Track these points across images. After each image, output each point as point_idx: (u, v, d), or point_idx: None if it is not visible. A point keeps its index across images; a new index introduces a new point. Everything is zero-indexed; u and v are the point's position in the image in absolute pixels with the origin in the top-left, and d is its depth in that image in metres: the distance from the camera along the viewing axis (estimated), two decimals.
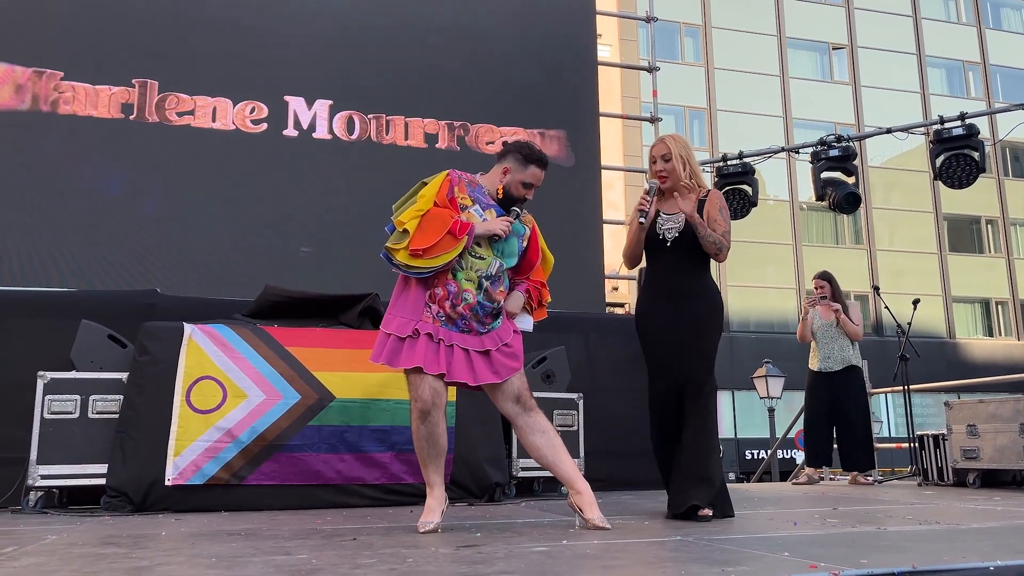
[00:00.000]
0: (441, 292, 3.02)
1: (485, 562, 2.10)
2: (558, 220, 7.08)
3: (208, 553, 2.34)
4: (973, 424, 5.64)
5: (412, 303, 3.02)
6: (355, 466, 4.31)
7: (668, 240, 3.50)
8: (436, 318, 3.02)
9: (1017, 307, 26.25)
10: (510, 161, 3.19)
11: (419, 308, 3.02)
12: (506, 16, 7.57)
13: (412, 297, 3.03)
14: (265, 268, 6.15)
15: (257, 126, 6.64)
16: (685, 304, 3.46)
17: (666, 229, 3.51)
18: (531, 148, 3.21)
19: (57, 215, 6.12)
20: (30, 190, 6.12)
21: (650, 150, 3.68)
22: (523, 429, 3.11)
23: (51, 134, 6.25)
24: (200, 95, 6.56)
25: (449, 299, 3.02)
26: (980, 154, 6.64)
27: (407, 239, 2.97)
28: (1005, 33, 28.11)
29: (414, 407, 3.03)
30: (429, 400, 2.99)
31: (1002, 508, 3.89)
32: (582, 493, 3.08)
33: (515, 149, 3.21)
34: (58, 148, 6.24)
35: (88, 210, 6.20)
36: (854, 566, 1.89)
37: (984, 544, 2.44)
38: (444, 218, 3.02)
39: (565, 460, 3.12)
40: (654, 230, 3.54)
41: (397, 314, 3.02)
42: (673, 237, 3.49)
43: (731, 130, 23.99)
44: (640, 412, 5.73)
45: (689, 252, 3.47)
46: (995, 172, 26.32)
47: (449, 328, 3.04)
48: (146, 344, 4.26)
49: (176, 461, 4.08)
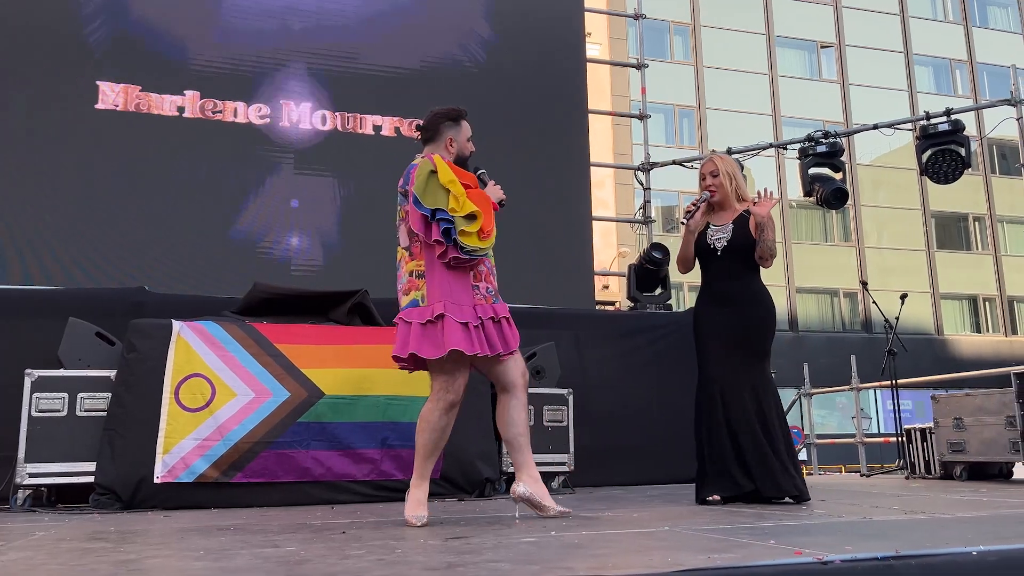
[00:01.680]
0: (484, 268, 3.11)
1: (473, 552, 2.11)
2: (547, 217, 7.11)
3: (196, 547, 2.34)
4: (960, 417, 5.69)
5: (463, 288, 3.03)
6: (345, 463, 4.31)
7: (718, 249, 3.88)
8: (487, 295, 3.08)
9: (1004, 303, 26.43)
10: (447, 131, 3.22)
11: (470, 291, 3.04)
12: (494, 13, 7.57)
13: (461, 282, 3.03)
14: (255, 265, 6.14)
15: (262, 120, 6.63)
16: (736, 309, 3.82)
17: (716, 239, 3.88)
18: (452, 108, 3.26)
19: (44, 212, 6.09)
20: (16, 187, 6.09)
21: (700, 168, 4.07)
22: (519, 401, 3.13)
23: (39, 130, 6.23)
24: (181, 92, 6.53)
25: (491, 273, 3.14)
26: (966, 150, 6.69)
27: (477, 222, 2.98)
28: (992, 31, 28.28)
29: (443, 397, 3.04)
30: (462, 391, 3.05)
31: (988, 499, 3.93)
32: (539, 482, 3.12)
33: (444, 117, 3.23)
34: (44, 145, 6.21)
35: (75, 207, 6.17)
36: (838, 552, 1.91)
37: (968, 532, 2.46)
38: (484, 196, 3.10)
39: (530, 448, 3.16)
40: (704, 240, 3.93)
41: (458, 300, 2.99)
42: (723, 246, 3.87)
43: (720, 128, 24.04)
44: (630, 408, 5.83)
45: (738, 259, 3.85)
46: (982, 170, 26.48)
47: (498, 301, 3.12)
48: (134, 341, 4.24)
49: (165, 459, 4.07)
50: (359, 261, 6.33)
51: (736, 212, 3.92)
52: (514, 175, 6.22)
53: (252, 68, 6.75)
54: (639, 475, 5.62)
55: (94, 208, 6.22)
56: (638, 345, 6.11)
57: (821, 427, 20.64)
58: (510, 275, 6.63)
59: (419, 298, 3.04)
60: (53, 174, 6.20)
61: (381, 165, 6.72)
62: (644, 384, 5.92)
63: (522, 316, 5.95)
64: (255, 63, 6.77)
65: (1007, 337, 26.07)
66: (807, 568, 1.78)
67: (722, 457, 3.72)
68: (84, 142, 6.31)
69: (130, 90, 6.42)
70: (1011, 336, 26.10)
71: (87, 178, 6.27)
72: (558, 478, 5.04)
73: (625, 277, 7.53)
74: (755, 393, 3.76)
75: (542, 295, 6.66)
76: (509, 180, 3.49)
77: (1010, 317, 26.44)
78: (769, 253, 3.78)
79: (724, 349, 3.81)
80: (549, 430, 5.04)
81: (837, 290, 25.21)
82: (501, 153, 7.12)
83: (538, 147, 7.38)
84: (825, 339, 23.83)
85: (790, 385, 11.97)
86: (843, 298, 25.36)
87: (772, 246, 3.78)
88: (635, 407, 5.83)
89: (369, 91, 6.99)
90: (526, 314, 6.12)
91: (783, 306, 24.10)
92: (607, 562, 1.88)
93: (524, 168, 7.06)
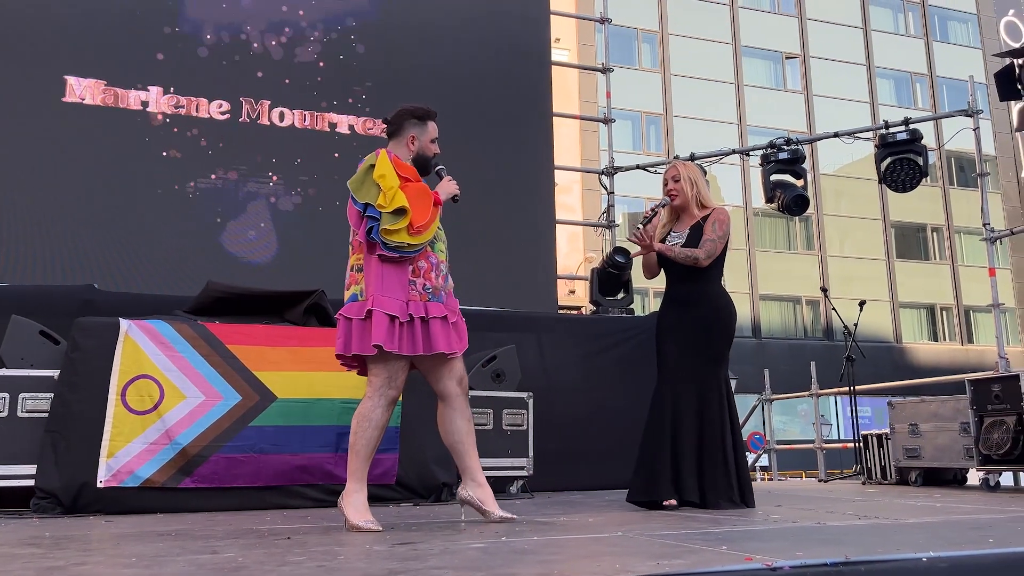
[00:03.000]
0: (425, 264, 3.01)
1: (418, 558, 2.04)
2: (511, 220, 7.07)
3: (129, 553, 2.24)
4: (915, 424, 5.74)
5: (399, 282, 2.94)
6: (297, 467, 4.21)
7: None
8: (423, 292, 2.99)
9: (961, 313, 26.97)
10: (411, 128, 3.16)
11: (405, 287, 2.95)
12: (460, 16, 7.52)
13: (397, 276, 2.95)
14: (209, 264, 6.01)
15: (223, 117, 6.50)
16: (689, 310, 3.87)
17: (674, 245, 3.94)
18: (420, 106, 3.20)
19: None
20: None
21: (664, 173, 4.13)
22: (456, 411, 3.07)
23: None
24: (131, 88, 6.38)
25: (433, 270, 3.03)
26: (923, 159, 6.78)
27: (405, 218, 2.89)
28: (951, 46, 28.90)
29: (384, 394, 2.96)
30: (402, 389, 3.01)
31: (941, 505, 3.96)
32: (484, 487, 3.07)
33: (409, 115, 3.17)
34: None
35: (22, 202, 5.99)
36: (789, 558, 1.88)
37: (919, 537, 2.46)
38: (423, 190, 3.02)
39: (475, 452, 3.11)
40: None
41: (390, 295, 2.91)
42: None
43: (687, 136, 24.21)
44: (591, 413, 5.80)
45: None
46: (941, 181, 27.03)
47: (436, 300, 3.01)
48: (79, 340, 4.11)
49: (109, 463, 3.94)
50: (316, 260, 6.22)
51: (695, 218, 3.98)
52: (478, 178, 6.19)
53: (213, 64, 6.61)
54: (600, 480, 5.58)
55: (42, 203, 6.03)
56: (600, 349, 6.08)
57: (784, 433, 20.85)
58: (473, 277, 6.62)
59: (358, 292, 2.99)
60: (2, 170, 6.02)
61: (339, 163, 6.64)
62: (606, 388, 5.89)
63: (484, 319, 5.95)
64: (215, 59, 6.64)
65: (963, 346, 26.60)
66: (757, 574, 1.75)
67: (653, 461, 3.73)
68: (39, 136, 6.13)
69: (96, 85, 6.26)
70: (967, 345, 26.64)
71: (35, 173, 6.08)
72: (517, 482, 4.99)
73: (587, 281, 7.51)
74: (703, 397, 3.77)
75: (505, 298, 6.62)
76: (473, 182, 3.45)
77: (966, 326, 26.99)
78: (691, 262, 3.83)
79: (678, 351, 3.85)
80: (508, 434, 4.98)
81: (800, 297, 25.52)
82: (465, 155, 7.06)
83: (502, 150, 7.34)
84: (787, 346, 24.11)
85: (752, 391, 12.05)
86: (805, 305, 25.69)
87: (686, 256, 3.83)
88: (597, 411, 5.80)
89: (330, 90, 6.89)
90: (488, 317, 6.08)
91: (746, 313, 24.33)
92: (553, 569, 1.83)
93: (488, 171, 7.01)
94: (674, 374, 3.82)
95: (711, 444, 3.71)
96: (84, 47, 6.33)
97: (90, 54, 6.33)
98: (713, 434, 3.73)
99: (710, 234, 3.87)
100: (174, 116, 6.45)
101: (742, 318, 24.02)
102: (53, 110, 6.18)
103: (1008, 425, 4.86)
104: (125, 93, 6.34)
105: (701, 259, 3.83)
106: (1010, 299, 26.09)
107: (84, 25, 6.37)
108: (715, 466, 3.70)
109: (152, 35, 6.51)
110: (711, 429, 3.74)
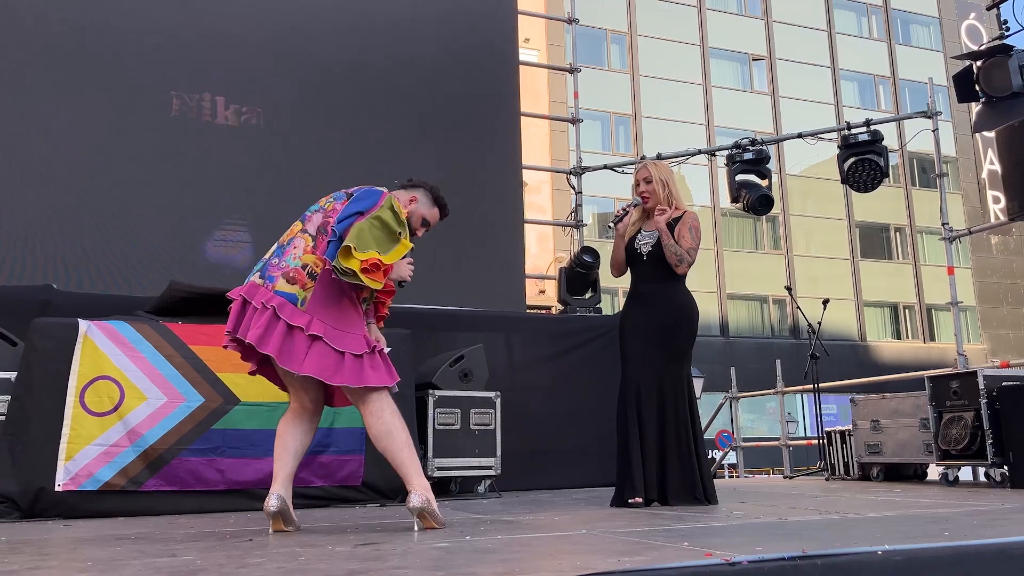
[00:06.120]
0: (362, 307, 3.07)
1: (380, 559, 2.03)
2: (479, 219, 7.05)
3: (85, 557, 2.20)
4: (877, 420, 5.84)
5: (357, 315, 2.99)
6: (261, 471, 4.16)
7: (644, 254, 3.97)
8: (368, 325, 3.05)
9: (923, 311, 27.48)
10: (420, 194, 3.21)
11: (362, 318, 3.00)
12: (428, 15, 7.48)
13: (353, 308, 2.98)
14: (172, 264, 5.92)
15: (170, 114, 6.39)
16: (651, 309, 3.91)
17: (643, 244, 3.98)
18: (439, 193, 3.25)
19: None
20: None
21: (635, 174, 4.16)
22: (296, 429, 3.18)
23: None
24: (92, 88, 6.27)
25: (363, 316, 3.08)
26: (884, 159, 6.89)
27: (372, 253, 2.79)
28: (914, 49, 29.44)
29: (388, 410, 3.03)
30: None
31: (900, 499, 4.03)
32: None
33: (427, 187, 3.24)
34: None
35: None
36: (748, 553, 1.90)
37: (876, 532, 2.50)
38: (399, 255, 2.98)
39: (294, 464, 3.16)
40: (633, 245, 4.01)
41: (357, 331, 2.94)
42: (648, 251, 3.96)
43: (655, 136, 24.38)
44: (559, 412, 5.82)
45: (661, 264, 3.92)
46: (903, 182, 27.52)
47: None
48: (36, 341, 4.02)
49: (68, 466, 3.86)
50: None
51: (665, 218, 3.99)
52: (446, 177, 6.15)
53: (167, 57, 6.49)
54: (568, 478, 5.60)
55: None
56: (568, 348, 6.10)
57: (751, 431, 21.08)
58: (441, 276, 6.60)
59: (300, 299, 2.92)
60: None
61: (308, 161, 6.57)
62: (574, 387, 5.91)
63: (452, 318, 5.94)
64: (169, 53, 6.52)
65: (925, 344, 27.10)
66: (715, 569, 1.77)
67: (629, 460, 3.77)
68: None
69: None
70: (929, 343, 27.15)
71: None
72: (485, 482, 4.98)
73: (555, 280, 7.53)
74: (665, 395, 3.81)
75: (473, 297, 6.60)
76: (441, 182, 3.40)
77: (928, 324, 27.51)
78: (675, 260, 3.87)
79: (641, 350, 3.89)
80: (476, 433, 4.98)
81: (767, 297, 25.82)
82: (433, 154, 7.05)
83: (470, 149, 7.32)
84: (754, 344, 24.39)
85: (720, 390, 12.16)
86: (772, 304, 26.00)
87: (675, 252, 3.86)
88: (564, 410, 5.81)
89: (296, 94, 6.81)
90: (456, 316, 6.07)
91: (714, 312, 24.56)
92: (515, 567, 1.83)
93: (456, 169, 6.99)
94: (637, 372, 3.86)
95: (674, 442, 3.76)
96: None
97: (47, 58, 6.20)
98: (677, 432, 3.77)
99: (690, 242, 3.91)
100: (131, 113, 6.33)
101: (710, 317, 24.25)
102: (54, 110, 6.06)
103: (966, 421, 4.96)
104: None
105: (683, 264, 3.88)
106: (970, 298, 26.64)
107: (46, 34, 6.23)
108: (678, 463, 3.74)
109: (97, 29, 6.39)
110: (674, 427, 3.78)
